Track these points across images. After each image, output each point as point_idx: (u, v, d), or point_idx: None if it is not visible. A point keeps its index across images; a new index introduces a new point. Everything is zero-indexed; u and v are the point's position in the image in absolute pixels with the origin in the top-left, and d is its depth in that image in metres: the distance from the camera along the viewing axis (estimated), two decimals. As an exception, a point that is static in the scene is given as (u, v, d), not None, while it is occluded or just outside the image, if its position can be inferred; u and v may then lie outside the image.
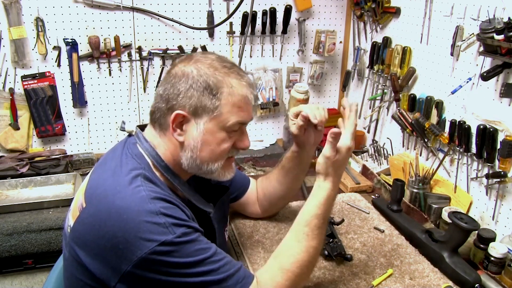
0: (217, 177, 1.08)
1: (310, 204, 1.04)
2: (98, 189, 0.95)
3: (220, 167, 1.06)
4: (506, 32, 1.31)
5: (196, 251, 0.89)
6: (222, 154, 1.04)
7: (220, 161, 1.05)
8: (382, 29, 2.12)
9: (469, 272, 1.22)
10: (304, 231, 1.02)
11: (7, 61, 1.98)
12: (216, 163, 1.04)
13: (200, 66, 1.00)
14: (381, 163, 2.12)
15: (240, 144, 1.07)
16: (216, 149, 1.03)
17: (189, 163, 1.03)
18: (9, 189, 1.81)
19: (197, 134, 1.01)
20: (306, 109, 1.18)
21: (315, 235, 1.02)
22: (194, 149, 1.01)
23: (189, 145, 1.02)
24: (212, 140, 1.01)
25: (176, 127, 1.01)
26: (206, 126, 1.00)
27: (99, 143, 2.24)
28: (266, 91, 2.35)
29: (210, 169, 1.05)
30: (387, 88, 2.07)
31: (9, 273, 1.66)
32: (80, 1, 2.02)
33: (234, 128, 1.03)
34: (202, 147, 1.01)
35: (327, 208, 1.04)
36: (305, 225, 1.03)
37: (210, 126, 1.00)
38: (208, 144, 1.01)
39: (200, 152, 1.02)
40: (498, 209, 1.51)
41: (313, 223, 1.02)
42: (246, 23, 2.18)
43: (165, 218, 0.88)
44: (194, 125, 1.01)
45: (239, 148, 1.08)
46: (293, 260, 0.99)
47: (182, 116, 1.00)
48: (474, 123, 1.54)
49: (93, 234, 0.89)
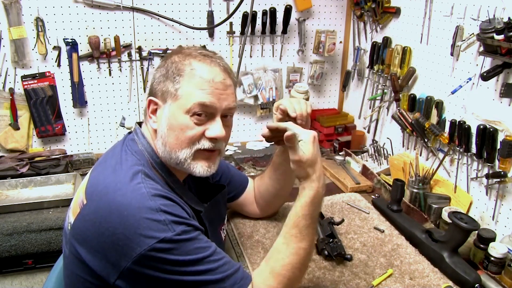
0: (188, 169, 1.02)
1: (297, 205, 1.02)
2: (99, 186, 0.95)
3: (190, 158, 1.01)
4: (506, 32, 1.31)
5: (195, 249, 0.89)
6: (188, 142, 0.99)
7: (187, 149, 1.00)
8: (382, 29, 2.12)
9: (469, 272, 1.22)
10: (292, 233, 1.00)
11: (7, 61, 1.98)
12: (183, 151, 1.00)
13: (175, 56, 1.03)
14: (381, 163, 2.12)
15: (208, 132, 1.00)
16: (180, 135, 0.99)
17: (162, 151, 1.02)
18: (9, 189, 1.81)
19: (164, 119, 1.01)
20: (285, 102, 1.15)
21: (303, 236, 1.00)
22: (163, 135, 1.01)
23: (159, 132, 1.02)
24: (176, 125, 0.99)
25: (151, 114, 1.04)
26: (170, 110, 1.00)
27: (99, 143, 2.24)
28: (266, 91, 2.35)
29: (178, 158, 1.00)
30: (387, 88, 2.07)
31: (9, 273, 1.65)
32: (80, 1, 2.02)
33: (196, 111, 0.98)
34: (168, 132, 1.00)
35: (314, 208, 1.02)
36: (293, 227, 1.01)
37: (173, 110, 1.00)
38: (173, 130, 1.00)
39: (167, 138, 1.00)
40: (498, 209, 1.51)
41: (301, 224, 1.00)
42: (246, 23, 2.18)
43: (165, 215, 0.88)
44: (162, 111, 1.02)
45: (207, 136, 1.00)
46: (283, 263, 0.98)
47: (154, 102, 1.02)
48: (474, 123, 1.54)
49: (94, 231, 0.90)
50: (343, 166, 2.02)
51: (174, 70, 1.00)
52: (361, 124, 2.36)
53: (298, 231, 1.00)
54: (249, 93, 2.32)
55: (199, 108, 0.98)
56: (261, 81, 2.33)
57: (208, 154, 1.04)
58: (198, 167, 1.03)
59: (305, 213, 1.01)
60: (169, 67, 1.02)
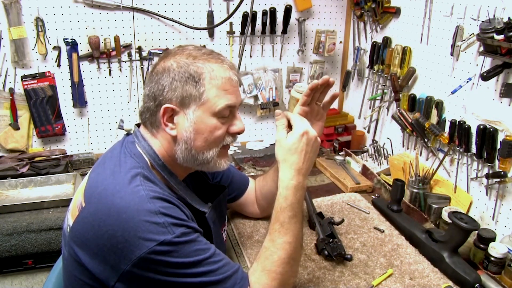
0: (213, 166, 1.06)
1: (277, 199, 1.03)
2: (98, 188, 0.95)
3: (216, 156, 1.04)
4: (506, 32, 1.31)
5: (195, 251, 0.89)
6: (217, 141, 1.03)
7: (215, 148, 1.04)
8: (382, 29, 2.12)
9: (469, 272, 1.22)
10: (275, 228, 1.01)
11: (7, 61, 1.98)
12: (211, 151, 1.03)
13: (179, 58, 1.01)
14: (381, 163, 2.12)
15: (234, 128, 1.05)
16: (210, 136, 1.01)
17: (184, 155, 1.02)
18: (9, 189, 1.81)
19: (188, 125, 1.00)
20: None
21: (286, 230, 1.00)
22: (188, 140, 1.01)
23: (182, 138, 1.01)
24: (204, 128, 1.00)
25: (167, 122, 1.02)
26: (196, 114, 1.00)
27: (99, 143, 2.24)
28: (266, 91, 2.35)
29: (206, 158, 1.03)
30: (387, 88, 2.07)
31: (9, 273, 1.66)
32: (80, 1, 2.02)
33: (224, 113, 1.02)
34: (195, 137, 1.01)
35: (293, 199, 1.01)
36: (275, 222, 1.01)
37: (199, 114, 1.00)
38: (201, 133, 1.01)
39: (194, 142, 1.01)
40: (498, 209, 1.51)
41: (282, 217, 1.01)
42: (246, 23, 2.18)
43: (164, 218, 0.88)
44: (183, 116, 1.00)
45: (233, 132, 1.06)
46: (272, 260, 0.98)
47: (171, 109, 1.00)
48: (474, 123, 1.54)
49: (93, 233, 0.89)
50: (343, 166, 2.02)
51: (193, 73, 0.99)
52: (361, 124, 2.36)
53: (280, 225, 1.00)
54: (249, 93, 2.32)
55: (227, 111, 1.02)
56: (261, 81, 2.33)
57: (227, 148, 1.09)
58: (222, 162, 1.08)
59: (284, 206, 1.01)
60: (182, 71, 0.99)
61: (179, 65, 1.00)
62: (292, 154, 1.02)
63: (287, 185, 1.02)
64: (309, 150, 1.03)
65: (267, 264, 0.98)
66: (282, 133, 1.05)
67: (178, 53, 1.03)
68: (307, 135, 1.03)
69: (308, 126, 1.05)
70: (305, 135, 1.03)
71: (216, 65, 1.01)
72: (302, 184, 1.03)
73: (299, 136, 1.02)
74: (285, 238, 1.00)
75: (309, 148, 1.03)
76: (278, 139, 1.05)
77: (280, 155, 1.04)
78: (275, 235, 1.00)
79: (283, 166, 1.04)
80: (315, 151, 1.06)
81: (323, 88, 1.20)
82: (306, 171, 1.04)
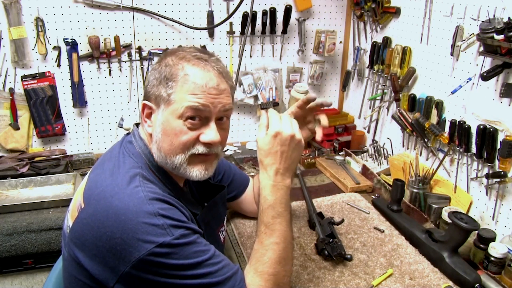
0: (184, 173, 1.01)
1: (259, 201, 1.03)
2: (97, 189, 0.94)
3: (185, 163, 0.99)
4: (506, 32, 1.31)
5: (194, 253, 0.89)
6: (181, 147, 0.98)
7: (181, 154, 0.99)
8: (382, 29, 2.12)
9: (469, 272, 1.22)
10: (261, 230, 1.01)
11: (7, 61, 1.98)
12: (178, 157, 0.99)
13: (168, 58, 1.01)
14: (381, 163, 2.12)
15: (203, 137, 0.99)
16: (174, 140, 0.98)
17: (157, 157, 1.01)
18: (9, 189, 1.81)
19: (158, 124, 1.00)
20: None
21: (271, 230, 1.00)
22: (158, 140, 1.00)
23: (154, 137, 1.01)
24: (170, 130, 0.98)
25: (146, 118, 1.03)
26: (163, 115, 0.99)
27: (99, 143, 2.24)
28: (266, 91, 2.35)
29: (173, 163, 0.99)
30: (387, 88, 2.07)
31: (9, 273, 1.66)
32: (80, 1, 2.02)
33: (188, 115, 0.96)
34: (162, 138, 0.99)
35: (273, 199, 1.01)
36: (260, 224, 1.02)
37: (166, 115, 0.98)
38: (167, 135, 0.98)
39: (162, 143, 0.99)
40: (498, 209, 1.51)
41: (265, 218, 1.01)
42: (246, 23, 2.18)
43: (163, 220, 0.88)
44: (156, 116, 1.01)
45: (202, 141, 0.99)
46: (262, 261, 0.98)
47: (149, 106, 1.01)
48: (474, 123, 1.54)
49: (92, 235, 0.89)
50: (343, 166, 2.02)
51: (168, 75, 0.98)
52: (361, 124, 2.36)
53: (264, 227, 1.01)
54: (249, 93, 2.32)
55: (191, 113, 0.97)
56: (261, 81, 2.33)
57: (204, 158, 1.02)
58: (194, 171, 1.01)
59: (265, 207, 1.01)
60: (163, 70, 1.00)
61: (165, 64, 1.00)
62: (266, 156, 1.03)
63: (266, 185, 1.03)
64: (285, 149, 1.02)
65: (258, 266, 0.98)
66: (261, 134, 1.06)
67: (174, 53, 1.03)
68: (280, 135, 1.02)
69: (283, 126, 1.03)
70: (278, 136, 1.02)
71: (196, 69, 0.98)
72: (283, 183, 1.03)
73: (272, 137, 1.02)
74: (272, 239, 1.00)
75: (285, 147, 1.02)
76: (257, 139, 1.06)
77: (258, 156, 1.06)
78: (262, 237, 1.00)
79: (261, 167, 1.05)
80: (295, 149, 1.04)
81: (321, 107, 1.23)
82: (285, 170, 1.03)
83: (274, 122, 1.05)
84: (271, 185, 1.02)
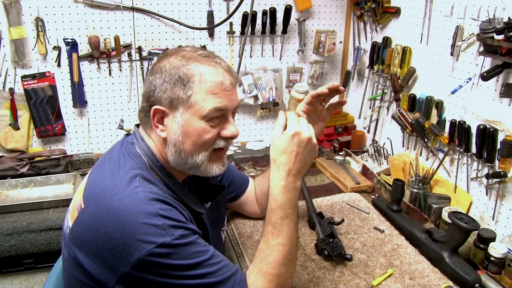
0: (204, 171, 1.03)
1: (268, 200, 1.03)
2: (97, 190, 0.94)
3: (206, 160, 1.02)
4: (506, 32, 1.31)
5: (194, 253, 0.89)
6: (205, 145, 1.01)
7: (204, 152, 1.01)
8: (382, 29, 2.12)
9: (469, 272, 1.22)
10: (268, 230, 1.00)
11: (7, 61, 1.98)
12: (200, 155, 1.01)
13: (173, 59, 1.00)
14: (381, 163, 2.12)
15: (225, 132, 1.02)
16: (198, 140, 0.99)
17: (174, 158, 1.01)
18: (9, 189, 1.81)
19: (176, 127, 0.99)
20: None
21: (279, 231, 1.00)
22: (177, 143, 1.00)
23: (171, 140, 1.00)
24: (192, 131, 0.98)
25: (157, 123, 1.01)
26: (183, 117, 0.98)
27: (99, 143, 2.24)
28: (266, 91, 2.35)
29: (195, 162, 1.01)
30: (387, 88, 2.07)
31: (9, 273, 1.66)
32: (80, 1, 2.02)
33: (212, 116, 0.99)
34: (183, 140, 0.99)
35: (283, 200, 1.00)
36: (267, 224, 1.01)
37: (187, 117, 0.98)
38: (189, 136, 0.99)
39: (182, 145, 1.00)
40: (498, 209, 1.51)
41: (273, 219, 1.00)
42: (246, 23, 2.18)
43: (163, 220, 0.88)
44: (172, 119, 1.00)
45: (224, 137, 1.03)
46: (267, 262, 0.98)
47: (161, 111, 1.00)
48: (474, 123, 1.54)
49: (92, 236, 0.89)
50: (343, 166, 2.02)
51: (182, 76, 0.98)
52: (361, 124, 2.36)
53: (272, 227, 1.00)
54: (249, 93, 2.32)
55: (215, 113, 0.99)
56: (261, 81, 2.33)
57: (221, 153, 1.06)
58: (214, 167, 1.05)
59: (274, 207, 1.01)
60: (173, 73, 0.99)
61: (171, 66, 0.99)
62: (281, 155, 1.02)
63: (276, 185, 1.02)
64: (300, 151, 1.01)
65: (262, 266, 0.98)
66: (276, 133, 1.04)
67: (174, 53, 1.02)
68: (298, 136, 1.01)
69: (302, 127, 1.03)
70: (296, 136, 1.01)
71: (209, 68, 0.99)
72: (293, 185, 1.02)
73: (290, 136, 1.01)
74: (278, 240, 0.99)
75: (300, 149, 1.01)
76: (272, 138, 1.05)
77: (272, 154, 1.05)
78: (268, 237, 1.00)
79: (273, 166, 1.04)
80: (309, 152, 1.03)
81: (331, 91, 1.21)
82: (298, 172, 1.03)
83: (293, 122, 1.04)
84: (282, 185, 1.01)
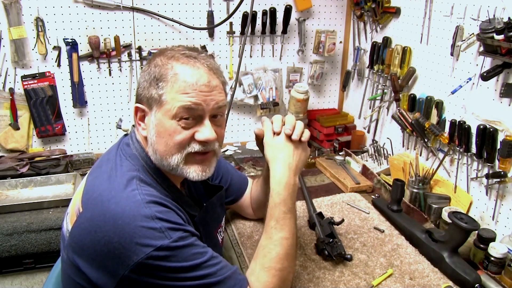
0: (181, 174, 1.00)
1: (270, 196, 1.05)
2: (94, 193, 0.94)
3: (181, 163, 0.98)
4: (506, 32, 1.31)
5: (192, 255, 0.89)
6: (177, 147, 0.97)
7: (177, 154, 0.97)
8: (382, 29, 2.12)
9: (469, 272, 1.22)
10: (271, 225, 1.02)
11: (7, 61, 1.98)
12: (174, 157, 0.97)
13: (158, 59, 1.00)
14: (381, 163, 2.12)
15: (198, 135, 0.97)
16: (169, 141, 0.96)
17: (154, 159, 1.00)
18: (9, 189, 1.81)
19: (152, 127, 0.99)
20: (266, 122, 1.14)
21: (282, 225, 1.02)
22: (153, 143, 0.99)
23: (149, 139, 1.00)
24: (164, 131, 0.96)
25: (139, 121, 1.02)
26: (157, 116, 0.97)
27: (99, 143, 2.24)
28: (266, 91, 2.35)
29: (170, 164, 0.98)
30: (387, 88, 2.07)
31: (9, 273, 1.65)
32: (80, 1, 2.02)
33: (182, 116, 0.95)
34: (157, 140, 0.98)
35: (286, 194, 1.04)
36: (270, 219, 1.03)
37: (159, 116, 0.96)
38: (161, 136, 0.97)
39: (157, 145, 0.98)
40: (498, 209, 1.51)
41: (276, 213, 1.03)
42: (246, 23, 2.18)
43: (161, 223, 0.87)
44: (149, 118, 1.00)
45: (197, 140, 0.97)
46: (270, 256, 0.99)
47: (141, 109, 1.01)
48: (474, 123, 1.54)
49: (89, 240, 0.89)
50: (343, 166, 2.02)
51: (157, 76, 0.97)
52: (361, 124, 2.36)
53: (275, 222, 1.02)
54: (249, 93, 2.32)
55: (184, 113, 0.95)
56: (261, 81, 2.33)
57: (202, 157, 1.01)
58: (191, 171, 1.00)
59: (277, 202, 1.03)
60: (152, 71, 0.98)
61: (154, 65, 0.99)
62: (279, 152, 1.07)
63: (279, 180, 1.05)
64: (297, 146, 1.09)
65: (265, 262, 0.99)
66: (268, 135, 1.10)
67: (163, 53, 1.01)
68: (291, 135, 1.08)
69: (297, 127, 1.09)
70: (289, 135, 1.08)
71: (186, 67, 0.96)
72: (294, 181, 1.06)
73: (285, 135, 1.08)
74: (281, 234, 1.01)
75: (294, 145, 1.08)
76: (266, 141, 1.09)
77: (270, 154, 1.08)
78: (272, 232, 1.02)
79: (274, 164, 1.07)
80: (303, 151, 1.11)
81: None
82: (297, 168, 1.08)
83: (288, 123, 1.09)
84: (284, 180, 1.05)
